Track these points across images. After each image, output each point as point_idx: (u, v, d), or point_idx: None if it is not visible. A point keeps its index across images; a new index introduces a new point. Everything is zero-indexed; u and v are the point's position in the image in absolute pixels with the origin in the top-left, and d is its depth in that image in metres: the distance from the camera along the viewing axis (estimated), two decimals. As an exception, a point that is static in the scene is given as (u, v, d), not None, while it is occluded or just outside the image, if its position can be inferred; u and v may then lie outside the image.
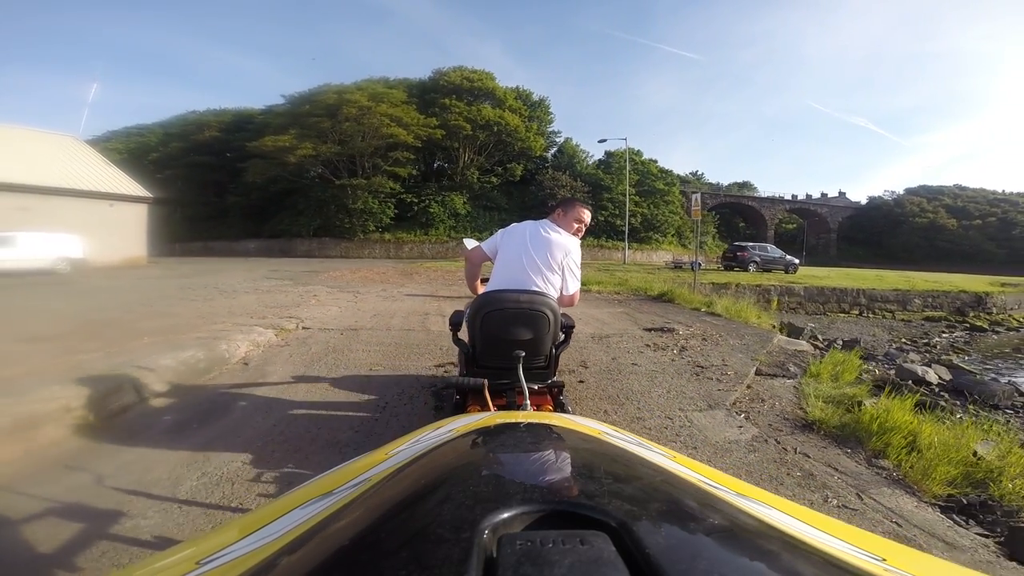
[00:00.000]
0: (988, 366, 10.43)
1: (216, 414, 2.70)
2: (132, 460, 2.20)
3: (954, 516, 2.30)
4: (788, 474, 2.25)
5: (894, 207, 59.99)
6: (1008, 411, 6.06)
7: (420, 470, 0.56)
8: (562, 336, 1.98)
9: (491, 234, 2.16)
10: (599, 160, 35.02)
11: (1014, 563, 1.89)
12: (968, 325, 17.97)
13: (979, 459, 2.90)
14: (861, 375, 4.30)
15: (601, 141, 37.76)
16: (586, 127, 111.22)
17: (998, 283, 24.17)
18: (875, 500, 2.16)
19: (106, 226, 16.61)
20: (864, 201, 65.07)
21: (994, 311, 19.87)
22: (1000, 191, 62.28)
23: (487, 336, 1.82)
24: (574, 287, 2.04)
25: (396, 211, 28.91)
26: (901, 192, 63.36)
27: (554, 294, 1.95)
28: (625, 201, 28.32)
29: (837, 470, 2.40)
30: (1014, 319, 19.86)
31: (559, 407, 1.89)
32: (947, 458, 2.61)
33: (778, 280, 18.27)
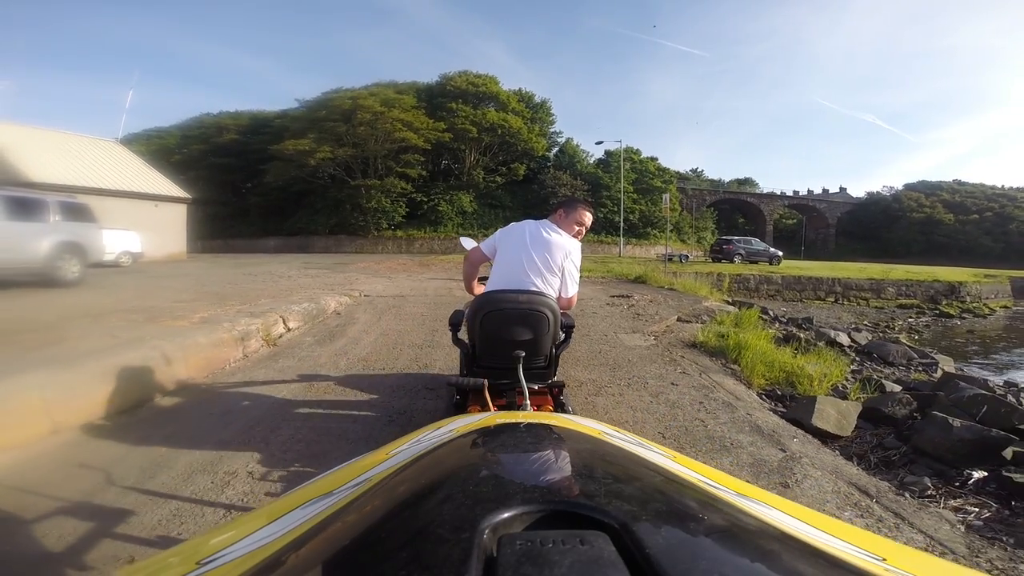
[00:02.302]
0: (926, 342, 12.11)
1: (336, 336, 4.55)
2: (304, 355, 4.02)
3: (763, 396, 4.03)
4: (662, 360, 4.03)
5: (892, 202, 60.40)
6: (900, 366, 7.80)
7: (420, 470, 0.57)
8: (562, 336, 2.01)
9: (495, 231, 2.28)
10: (599, 159, 36.69)
11: (791, 424, 3.45)
12: (938, 312, 18.94)
13: (801, 370, 4.66)
14: (764, 327, 6.07)
15: (598, 143, 40.13)
16: (591, 124, 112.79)
17: (981, 275, 25.02)
18: (710, 376, 3.88)
19: (152, 224, 18.48)
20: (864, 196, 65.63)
21: (968, 300, 20.87)
22: (1000, 186, 62.69)
23: (487, 336, 1.86)
24: (572, 290, 2.07)
25: (407, 209, 30.76)
26: (900, 188, 64.05)
27: (552, 294, 1.96)
28: (623, 199, 30.02)
29: (697, 363, 4.17)
30: (987, 307, 20.79)
31: (559, 407, 1.93)
32: (772, 366, 4.33)
33: (759, 270, 19.83)
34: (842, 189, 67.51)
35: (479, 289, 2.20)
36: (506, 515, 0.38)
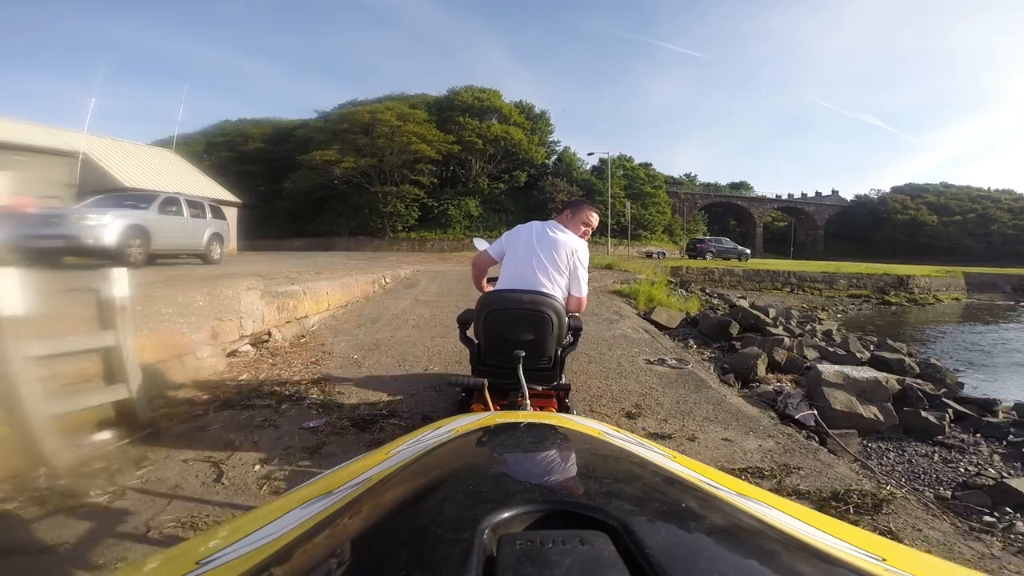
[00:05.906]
0: (845, 320, 15.43)
1: (414, 286, 8.10)
2: (404, 293, 7.56)
3: (643, 314, 7.48)
4: (594, 301, 7.49)
5: (878, 205, 62.18)
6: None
7: (420, 470, 0.58)
8: (570, 338, 2.03)
9: (499, 233, 2.35)
10: (593, 167, 40.20)
11: (644, 319, 6.98)
12: (881, 301, 21.21)
13: (672, 304, 8.12)
14: (674, 288, 9.52)
15: (590, 154, 43.99)
16: (591, 126, 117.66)
17: (943, 271, 27.59)
18: (612, 301, 7.35)
19: (211, 225, 21.76)
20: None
21: (916, 291, 23.24)
22: (986, 188, 64.68)
23: (490, 335, 1.91)
24: (583, 290, 2.11)
25: (419, 213, 34.39)
26: (887, 190, 66.12)
27: (560, 294, 1.99)
28: (612, 203, 33.52)
29: (609, 297, 7.65)
30: (934, 298, 23.23)
31: (564, 411, 1.97)
32: (653, 300, 7.77)
33: (726, 265, 23.06)
34: (834, 192, 69.40)
35: (489, 289, 2.28)
36: (506, 515, 0.39)
